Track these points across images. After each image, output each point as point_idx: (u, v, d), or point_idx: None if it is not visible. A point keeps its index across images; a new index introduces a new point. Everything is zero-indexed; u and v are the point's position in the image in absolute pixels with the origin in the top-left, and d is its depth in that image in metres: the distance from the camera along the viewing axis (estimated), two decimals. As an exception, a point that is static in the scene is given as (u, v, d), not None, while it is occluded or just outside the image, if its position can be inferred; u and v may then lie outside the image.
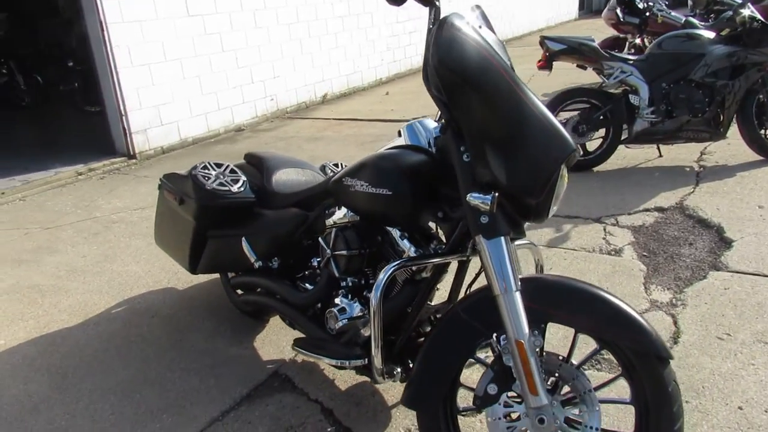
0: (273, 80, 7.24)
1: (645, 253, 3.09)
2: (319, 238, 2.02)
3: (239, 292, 2.63)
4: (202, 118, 6.39)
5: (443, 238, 1.78)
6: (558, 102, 4.34)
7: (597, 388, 1.56)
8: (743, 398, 2.02)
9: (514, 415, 1.56)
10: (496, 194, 1.44)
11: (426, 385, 1.58)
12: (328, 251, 1.95)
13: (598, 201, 3.83)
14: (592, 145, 4.41)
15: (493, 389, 1.52)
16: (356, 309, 1.89)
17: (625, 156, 4.62)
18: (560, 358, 1.55)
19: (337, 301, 1.95)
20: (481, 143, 1.45)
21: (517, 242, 1.96)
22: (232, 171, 2.45)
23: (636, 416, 1.51)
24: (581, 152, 4.37)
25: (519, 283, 1.49)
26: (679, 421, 1.45)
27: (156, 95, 5.85)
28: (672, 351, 2.22)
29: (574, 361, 1.55)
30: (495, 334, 1.53)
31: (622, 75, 4.23)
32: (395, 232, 1.82)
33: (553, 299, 1.51)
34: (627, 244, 3.21)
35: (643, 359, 1.46)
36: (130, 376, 2.40)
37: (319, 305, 2.08)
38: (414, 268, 1.80)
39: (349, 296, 1.93)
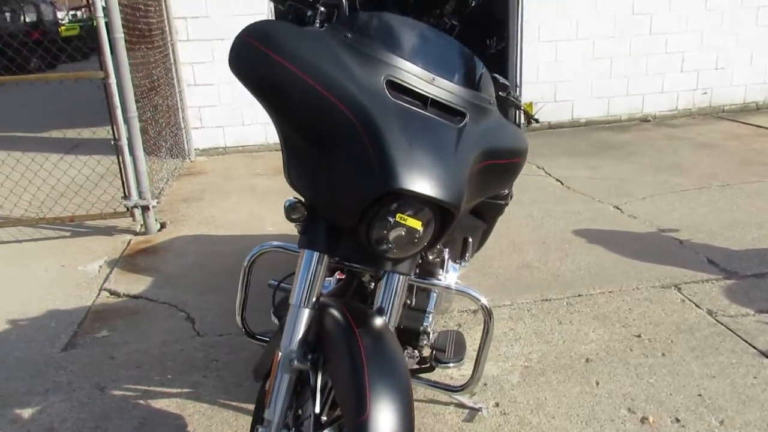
0: (712, 71, 6.25)
1: None
2: None
3: None
4: (603, 101, 6.20)
5: None
6: None
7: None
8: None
9: None
10: (294, 202, 1.33)
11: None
12: None
13: None
14: None
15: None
16: None
17: None
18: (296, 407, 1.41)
19: None
20: (285, 142, 1.34)
21: (457, 287, 1.66)
22: None
23: None
24: None
25: (313, 301, 1.33)
26: None
27: (557, 72, 6.01)
28: None
29: None
30: None
31: None
32: None
33: (328, 341, 1.28)
34: None
35: None
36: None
37: None
38: None
39: None
